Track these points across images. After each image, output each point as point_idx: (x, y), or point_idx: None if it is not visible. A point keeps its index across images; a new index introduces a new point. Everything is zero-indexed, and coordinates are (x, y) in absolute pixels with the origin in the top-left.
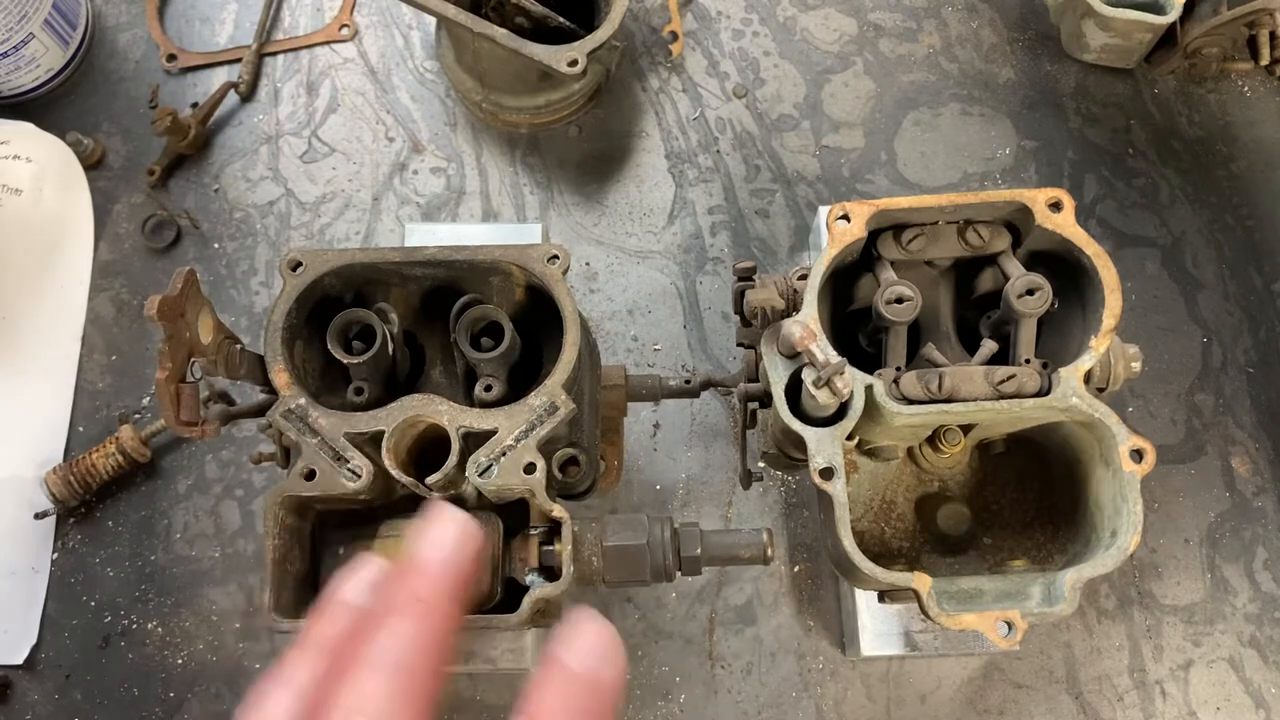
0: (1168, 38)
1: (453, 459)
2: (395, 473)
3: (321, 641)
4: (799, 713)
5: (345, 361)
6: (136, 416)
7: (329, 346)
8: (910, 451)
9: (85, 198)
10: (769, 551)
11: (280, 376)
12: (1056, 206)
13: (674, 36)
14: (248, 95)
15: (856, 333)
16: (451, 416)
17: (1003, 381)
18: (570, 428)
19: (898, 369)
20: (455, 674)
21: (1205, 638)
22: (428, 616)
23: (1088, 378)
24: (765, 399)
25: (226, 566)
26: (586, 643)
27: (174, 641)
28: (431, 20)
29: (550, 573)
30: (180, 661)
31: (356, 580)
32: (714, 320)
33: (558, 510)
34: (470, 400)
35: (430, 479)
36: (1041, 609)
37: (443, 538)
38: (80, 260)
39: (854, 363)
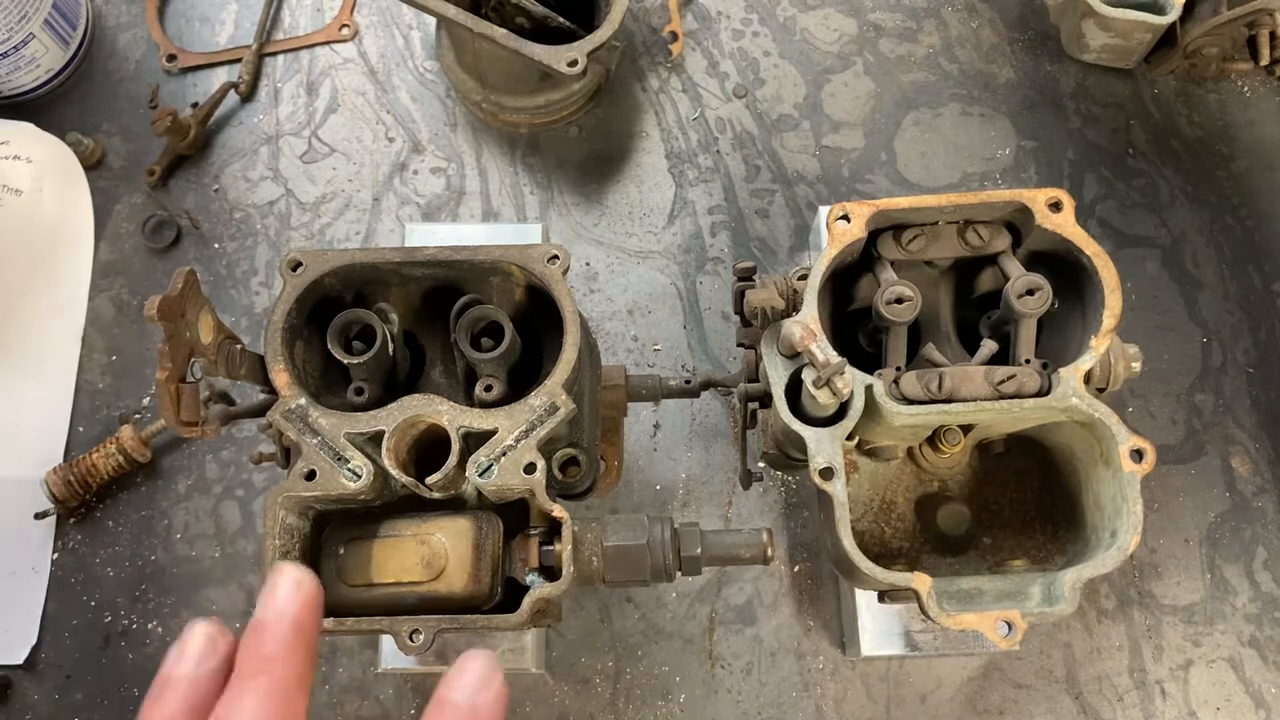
0: (1168, 38)
1: (453, 459)
2: (395, 473)
3: None
4: (799, 713)
5: (345, 361)
6: (136, 416)
7: (329, 346)
8: (910, 451)
9: (85, 198)
10: (769, 551)
11: (280, 376)
12: (1056, 206)
13: (674, 36)
14: (248, 95)
15: (856, 333)
16: (452, 416)
17: (1003, 381)
18: (570, 428)
19: (898, 369)
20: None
21: (1205, 638)
22: (274, 673)
23: (1088, 378)
24: (765, 399)
25: (226, 566)
26: (465, 677)
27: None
28: (431, 20)
29: (550, 573)
30: None
31: (183, 653)
32: (714, 320)
33: (558, 510)
34: (470, 400)
35: (430, 479)
36: (1041, 609)
37: (279, 593)
38: (80, 260)
39: (854, 363)
